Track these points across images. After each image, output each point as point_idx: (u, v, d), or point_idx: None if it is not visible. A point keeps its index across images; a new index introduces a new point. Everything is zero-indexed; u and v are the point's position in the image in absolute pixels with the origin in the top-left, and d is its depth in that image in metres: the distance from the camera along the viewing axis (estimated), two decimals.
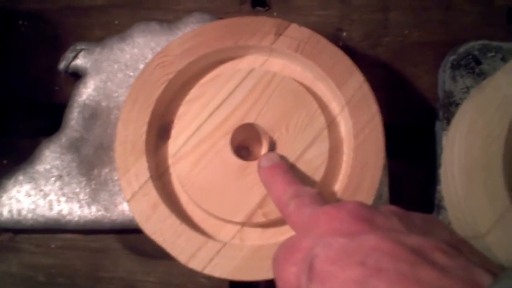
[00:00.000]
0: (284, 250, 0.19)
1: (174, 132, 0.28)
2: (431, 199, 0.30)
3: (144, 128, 0.27)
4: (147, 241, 0.29)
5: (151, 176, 0.26)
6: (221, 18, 0.31)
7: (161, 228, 0.25)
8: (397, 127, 0.29)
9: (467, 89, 0.31)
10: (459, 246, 0.17)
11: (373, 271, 0.15)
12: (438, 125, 0.32)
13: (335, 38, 0.34)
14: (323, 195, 0.22)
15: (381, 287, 0.15)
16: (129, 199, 0.26)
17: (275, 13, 0.35)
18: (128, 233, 0.30)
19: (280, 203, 0.23)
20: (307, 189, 0.23)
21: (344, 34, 0.35)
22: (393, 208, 0.19)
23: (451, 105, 0.31)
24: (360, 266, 0.16)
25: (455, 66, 0.32)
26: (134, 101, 0.28)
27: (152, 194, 0.26)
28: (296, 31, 0.29)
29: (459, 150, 0.28)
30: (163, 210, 0.26)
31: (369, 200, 0.26)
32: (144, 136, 0.27)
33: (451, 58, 0.32)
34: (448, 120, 0.31)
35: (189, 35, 0.29)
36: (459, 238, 0.18)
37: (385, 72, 0.34)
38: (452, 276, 0.15)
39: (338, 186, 0.27)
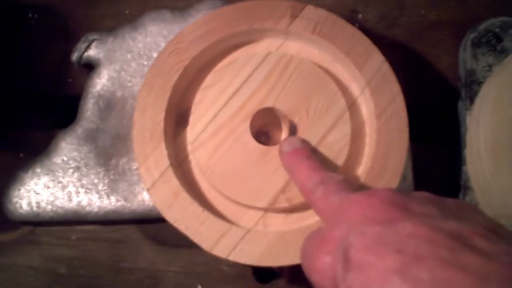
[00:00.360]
0: (314, 241, 0.19)
1: (192, 119, 0.27)
2: (456, 180, 0.30)
3: (161, 116, 0.27)
4: (168, 230, 0.29)
5: (171, 164, 0.26)
6: (233, 3, 0.31)
7: (183, 215, 0.25)
8: (417, 109, 0.28)
9: (489, 67, 0.30)
10: (498, 231, 0.16)
11: (412, 259, 0.15)
12: (460, 105, 0.31)
13: (350, 20, 0.33)
14: (349, 181, 0.22)
15: (423, 275, 0.14)
16: (149, 188, 0.26)
17: None
18: (149, 223, 0.30)
19: (305, 190, 0.22)
20: (333, 175, 0.22)
21: (360, 15, 0.34)
22: (425, 194, 0.19)
23: (473, 84, 0.30)
24: (398, 254, 0.15)
25: (475, 44, 0.31)
26: (150, 88, 0.27)
27: (172, 182, 0.26)
28: (312, 13, 0.28)
29: (485, 129, 0.27)
30: (185, 197, 0.25)
31: (394, 182, 0.25)
32: (162, 124, 0.26)
33: (471, 36, 0.31)
34: (471, 99, 0.30)
35: (202, 20, 0.28)
36: (496, 223, 0.18)
37: (403, 54, 0.33)
38: (497, 261, 0.14)
39: (361, 169, 0.27)
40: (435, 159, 0.31)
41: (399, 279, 0.15)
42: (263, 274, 0.29)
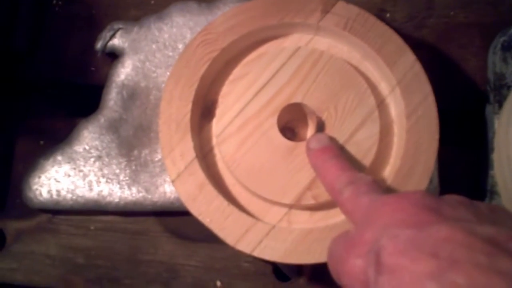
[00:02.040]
0: (344, 243, 0.19)
1: (218, 112, 0.27)
2: (482, 185, 0.29)
3: (188, 107, 0.26)
4: (188, 224, 0.29)
5: (197, 156, 0.26)
6: None
7: (208, 209, 0.25)
8: (444, 111, 0.27)
9: None
10: None
11: (448, 263, 0.15)
12: (489, 108, 0.30)
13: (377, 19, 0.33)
14: (379, 183, 0.22)
15: (459, 280, 0.14)
16: (174, 179, 0.25)
17: None
18: (168, 216, 0.29)
19: (332, 190, 0.22)
20: (362, 176, 0.22)
21: (388, 15, 0.33)
22: (457, 197, 0.18)
23: (502, 88, 0.30)
24: (433, 258, 0.15)
25: (505, 48, 0.31)
26: (178, 79, 0.27)
27: (198, 174, 0.25)
28: (343, 9, 0.28)
29: None
30: (210, 190, 0.25)
31: (423, 184, 0.25)
32: (188, 115, 0.26)
33: (501, 39, 0.31)
34: (500, 104, 0.30)
35: (232, 12, 0.28)
36: None
37: (431, 55, 0.33)
38: None
39: (389, 169, 0.26)
40: (461, 162, 0.31)
41: (434, 283, 0.14)
42: (283, 272, 0.29)
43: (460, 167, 0.31)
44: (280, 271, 0.29)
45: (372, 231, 0.17)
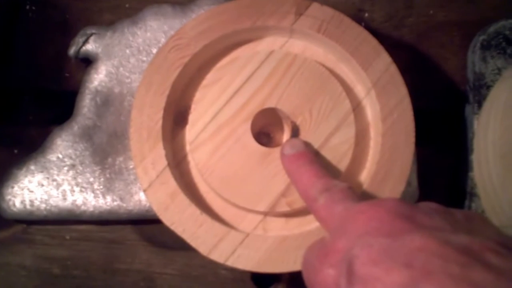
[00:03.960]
0: (317, 252, 0.18)
1: (191, 118, 0.26)
2: (462, 187, 0.29)
3: (160, 114, 0.26)
4: (165, 231, 0.28)
5: (169, 164, 0.25)
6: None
7: (180, 218, 0.24)
8: (424, 112, 0.27)
9: (499, 71, 0.29)
10: (510, 245, 0.15)
11: (421, 274, 0.14)
12: (468, 108, 0.30)
13: (356, 19, 0.32)
14: (354, 189, 0.21)
15: None
16: (146, 188, 0.25)
17: None
18: (145, 224, 0.29)
19: (307, 197, 0.22)
20: (337, 183, 0.21)
21: (366, 15, 0.33)
22: (433, 204, 0.18)
23: (482, 88, 0.29)
24: (406, 268, 0.14)
25: (485, 47, 0.30)
26: (149, 86, 0.26)
27: (170, 183, 0.25)
28: (318, 10, 0.27)
29: (494, 135, 0.26)
30: (182, 199, 0.25)
31: (400, 187, 0.25)
32: (160, 122, 0.26)
33: (480, 38, 0.30)
34: (479, 103, 0.29)
35: (204, 16, 0.27)
36: (508, 236, 0.17)
37: (410, 54, 0.32)
38: (509, 278, 0.14)
39: (365, 174, 0.26)
40: (441, 164, 0.30)
41: None
42: (261, 278, 0.28)
43: (439, 168, 0.30)
44: (258, 278, 0.28)
45: (345, 240, 0.17)
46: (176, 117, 0.27)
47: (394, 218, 0.17)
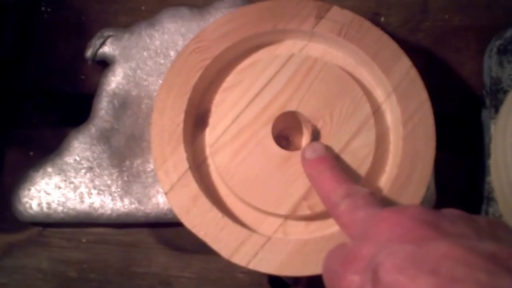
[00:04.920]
0: (340, 258, 0.18)
1: (211, 121, 0.26)
2: (479, 191, 0.29)
3: (181, 117, 0.26)
4: (182, 235, 0.28)
5: (190, 167, 0.25)
6: (252, 2, 0.30)
7: (202, 221, 0.24)
8: (440, 116, 0.27)
9: None
10: None
11: (447, 281, 0.14)
12: (485, 113, 0.30)
13: (372, 23, 0.32)
14: (376, 195, 0.21)
15: None
16: (167, 191, 0.25)
17: None
18: (162, 227, 0.29)
19: (328, 202, 0.22)
20: (359, 188, 0.21)
21: (382, 19, 0.33)
22: (456, 211, 0.18)
23: (498, 92, 0.30)
24: (432, 276, 0.14)
25: (501, 52, 0.30)
26: (170, 88, 0.26)
27: (192, 186, 0.25)
28: (338, 14, 0.27)
29: None
30: (204, 202, 0.24)
31: (420, 192, 0.25)
32: (181, 125, 0.26)
33: (497, 43, 0.30)
34: (496, 108, 0.29)
35: (225, 19, 0.27)
36: None
37: (426, 59, 0.32)
38: None
39: (386, 178, 0.26)
40: (458, 168, 0.30)
41: None
42: (279, 282, 0.28)
43: (456, 173, 0.30)
44: (275, 282, 0.28)
45: (369, 247, 0.17)
46: (197, 119, 0.27)
47: (418, 225, 0.17)
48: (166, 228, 0.29)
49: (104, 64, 0.31)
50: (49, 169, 0.29)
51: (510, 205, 0.27)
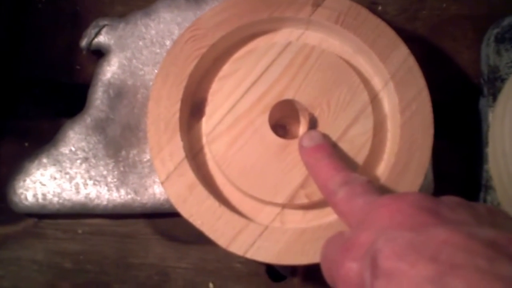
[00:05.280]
0: (338, 246, 0.18)
1: (208, 110, 0.26)
2: (477, 179, 0.29)
3: (177, 106, 0.25)
4: (179, 225, 0.28)
5: (186, 156, 0.25)
6: None
7: (199, 210, 0.24)
8: (437, 105, 0.27)
9: None
10: None
11: (447, 268, 0.14)
12: (482, 101, 0.30)
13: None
14: (374, 183, 0.21)
15: (459, 285, 0.14)
16: (163, 180, 0.25)
17: None
18: (158, 218, 0.29)
19: (326, 190, 0.22)
20: (357, 176, 0.21)
21: (379, 7, 0.33)
22: (455, 198, 0.18)
23: (496, 81, 0.29)
24: (431, 262, 0.14)
25: (499, 40, 0.30)
26: (165, 77, 0.26)
27: (188, 175, 0.24)
28: (335, 2, 0.27)
29: (510, 127, 0.26)
30: (201, 191, 0.24)
31: (418, 180, 0.25)
32: (177, 114, 0.25)
33: (494, 31, 0.30)
34: (494, 96, 0.29)
35: (221, 7, 0.27)
36: None
37: (423, 48, 0.32)
38: None
39: (383, 166, 0.26)
40: (455, 156, 0.30)
41: None
42: (276, 272, 0.28)
43: (454, 161, 0.30)
44: (273, 271, 0.28)
45: (368, 234, 0.17)
46: (193, 108, 0.27)
47: (417, 212, 0.17)
48: (163, 219, 0.29)
49: (100, 54, 0.31)
50: (45, 160, 0.28)
51: (508, 193, 0.27)
